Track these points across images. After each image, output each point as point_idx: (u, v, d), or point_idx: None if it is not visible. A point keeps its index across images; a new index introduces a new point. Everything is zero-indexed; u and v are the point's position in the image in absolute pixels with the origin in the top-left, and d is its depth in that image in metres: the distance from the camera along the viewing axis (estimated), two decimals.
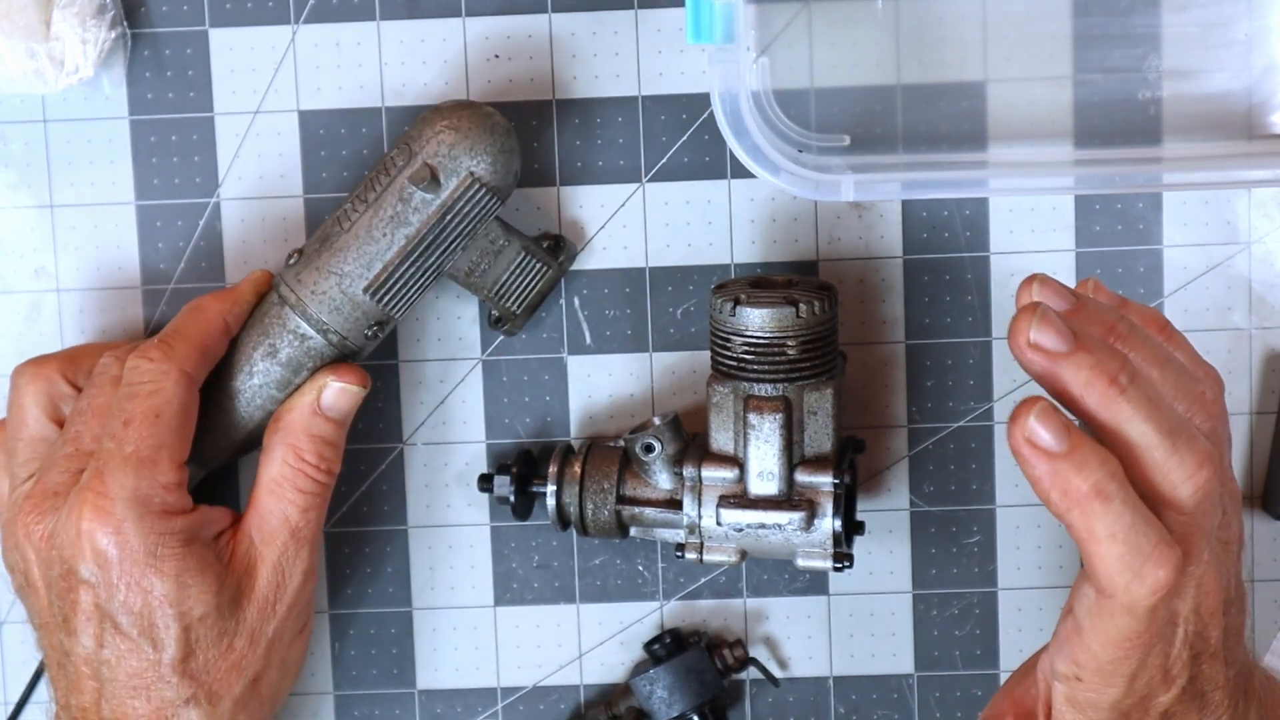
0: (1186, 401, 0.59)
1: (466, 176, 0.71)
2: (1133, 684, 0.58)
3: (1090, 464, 0.55)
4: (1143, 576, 0.55)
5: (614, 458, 0.75)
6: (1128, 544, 0.55)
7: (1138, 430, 0.56)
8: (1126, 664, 0.58)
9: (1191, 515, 0.57)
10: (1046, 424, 0.55)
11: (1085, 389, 0.56)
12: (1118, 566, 0.55)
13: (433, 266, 0.72)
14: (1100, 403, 0.56)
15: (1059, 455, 0.55)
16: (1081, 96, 0.75)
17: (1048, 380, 0.57)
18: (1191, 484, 0.57)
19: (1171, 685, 0.59)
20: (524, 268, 0.75)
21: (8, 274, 0.79)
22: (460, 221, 0.71)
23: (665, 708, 0.77)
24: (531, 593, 0.80)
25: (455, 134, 0.71)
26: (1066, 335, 0.56)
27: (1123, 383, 0.56)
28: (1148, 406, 0.56)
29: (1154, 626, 0.57)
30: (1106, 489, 0.55)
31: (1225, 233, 0.77)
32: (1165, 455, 0.56)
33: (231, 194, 0.78)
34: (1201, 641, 0.60)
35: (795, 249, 0.77)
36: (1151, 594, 0.56)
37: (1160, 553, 0.55)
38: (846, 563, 0.72)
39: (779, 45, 0.75)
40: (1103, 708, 0.59)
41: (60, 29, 0.74)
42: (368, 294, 0.71)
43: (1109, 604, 0.57)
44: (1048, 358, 0.56)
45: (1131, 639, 0.57)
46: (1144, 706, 0.59)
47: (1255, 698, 0.63)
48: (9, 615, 0.80)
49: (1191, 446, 0.57)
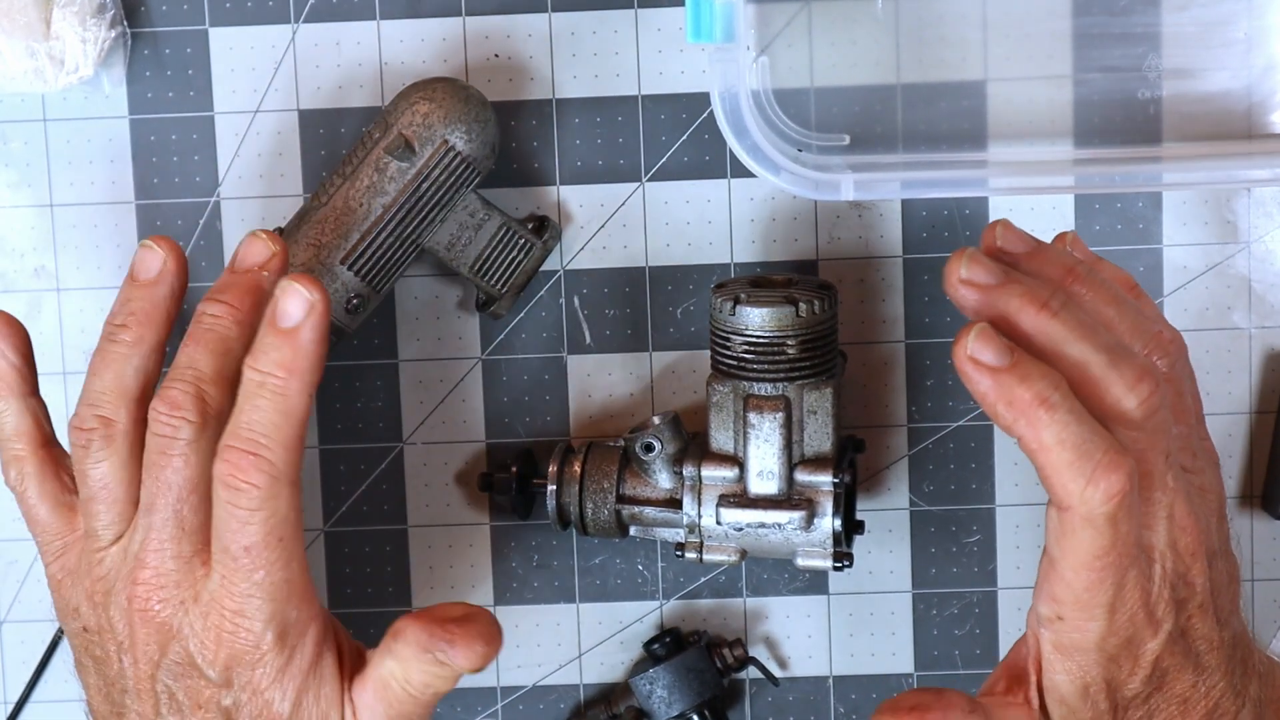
0: (1143, 340, 0.61)
1: (441, 145, 0.71)
2: (1113, 617, 0.58)
3: (1032, 375, 0.57)
4: (1095, 481, 0.56)
5: (614, 457, 0.75)
6: (1076, 450, 0.56)
7: (1074, 349, 0.58)
8: (1102, 589, 0.58)
9: (1141, 429, 0.58)
10: (987, 342, 0.57)
11: (1019, 314, 0.59)
12: (1069, 474, 0.56)
13: (410, 237, 0.72)
14: (1034, 325, 0.58)
15: (1001, 369, 0.57)
16: (1081, 96, 0.75)
17: (983, 315, 0.59)
18: (1135, 395, 0.58)
19: (1158, 629, 0.59)
20: (506, 244, 0.74)
21: (8, 274, 0.79)
22: (437, 190, 0.72)
23: (665, 707, 0.77)
24: (531, 592, 0.80)
25: (430, 104, 0.71)
26: (995, 270, 0.59)
27: (1054, 306, 0.58)
28: (1081, 327, 0.58)
29: (1121, 544, 0.57)
30: (1050, 397, 0.57)
31: (1225, 232, 0.77)
32: (1104, 369, 0.58)
33: (231, 194, 0.78)
34: (1185, 586, 0.60)
35: (795, 248, 0.77)
36: (1106, 499, 0.56)
37: (1111, 458, 0.56)
38: (846, 562, 0.72)
39: (779, 45, 0.75)
40: (1089, 649, 0.59)
41: (60, 28, 0.74)
42: (345, 265, 0.72)
43: (1070, 518, 0.57)
44: (979, 291, 0.59)
45: (1099, 556, 0.57)
46: (1133, 652, 0.59)
47: (1255, 673, 0.63)
48: (9, 615, 0.80)
49: (1130, 362, 0.58)
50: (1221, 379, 0.77)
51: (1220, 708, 0.61)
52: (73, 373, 0.79)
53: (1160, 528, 0.59)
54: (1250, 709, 0.62)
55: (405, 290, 0.78)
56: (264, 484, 0.61)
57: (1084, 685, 0.60)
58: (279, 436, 0.61)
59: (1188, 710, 0.61)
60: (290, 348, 0.61)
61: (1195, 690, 0.61)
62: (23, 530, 0.80)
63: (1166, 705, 0.61)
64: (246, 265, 0.65)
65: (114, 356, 0.65)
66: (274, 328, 0.62)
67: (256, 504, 0.61)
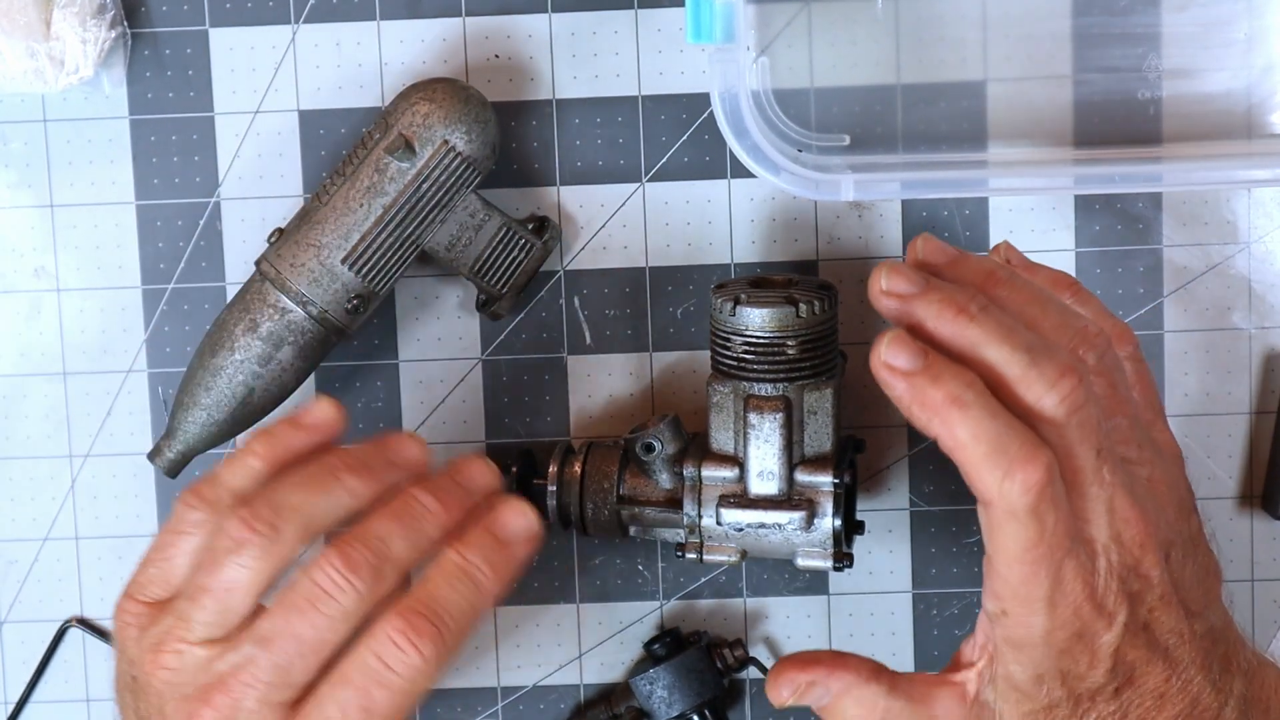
0: (1067, 335, 0.61)
1: (442, 145, 0.71)
2: (1054, 610, 0.58)
3: (944, 376, 0.58)
4: (1012, 474, 0.57)
5: (614, 457, 0.75)
6: (991, 445, 0.57)
7: (993, 352, 0.59)
8: (1037, 583, 0.58)
9: (1064, 427, 0.58)
10: (901, 347, 0.59)
11: (938, 321, 0.59)
12: (986, 467, 0.57)
13: (411, 238, 0.72)
14: (952, 330, 0.59)
15: (914, 372, 0.58)
16: (1081, 96, 0.75)
17: (905, 323, 0.60)
18: (1055, 393, 0.58)
19: (1111, 621, 0.59)
20: (506, 244, 0.74)
21: (8, 274, 0.79)
22: (437, 191, 0.72)
23: (665, 707, 0.77)
24: (531, 592, 0.80)
25: (430, 104, 0.71)
26: (916, 280, 0.60)
27: (972, 310, 0.59)
28: (999, 329, 0.59)
29: (1048, 536, 0.57)
30: (963, 396, 0.58)
31: (1225, 232, 0.77)
32: (1023, 369, 0.58)
33: (231, 194, 0.78)
34: (1137, 579, 0.60)
35: (795, 249, 0.77)
36: (1024, 491, 0.57)
37: (1027, 451, 0.57)
38: (846, 562, 0.72)
39: (779, 45, 0.75)
40: (1036, 644, 0.59)
41: (60, 28, 0.74)
42: (346, 265, 0.72)
43: (994, 513, 0.58)
44: (900, 300, 0.60)
45: (1029, 549, 0.58)
46: (1087, 646, 0.59)
47: (1239, 670, 0.62)
48: (9, 615, 0.80)
49: (1051, 359, 0.58)
50: (1221, 379, 0.77)
51: (1200, 703, 0.61)
52: (72, 373, 0.79)
53: (1100, 521, 0.59)
54: (1235, 706, 0.62)
55: (405, 290, 0.78)
56: (429, 655, 0.59)
57: (1038, 675, 0.60)
58: (460, 623, 0.59)
59: (1164, 705, 0.60)
60: (504, 556, 0.61)
61: (1170, 685, 0.61)
62: (22, 530, 0.80)
63: (1140, 700, 0.60)
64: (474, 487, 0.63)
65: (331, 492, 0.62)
66: (493, 532, 0.61)
67: (407, 671, 0.59)
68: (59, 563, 0.80)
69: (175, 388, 0.75)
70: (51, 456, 0.80)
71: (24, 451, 0.80)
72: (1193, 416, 0.77)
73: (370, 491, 0.62)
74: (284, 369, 0.73)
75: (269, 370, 0.73)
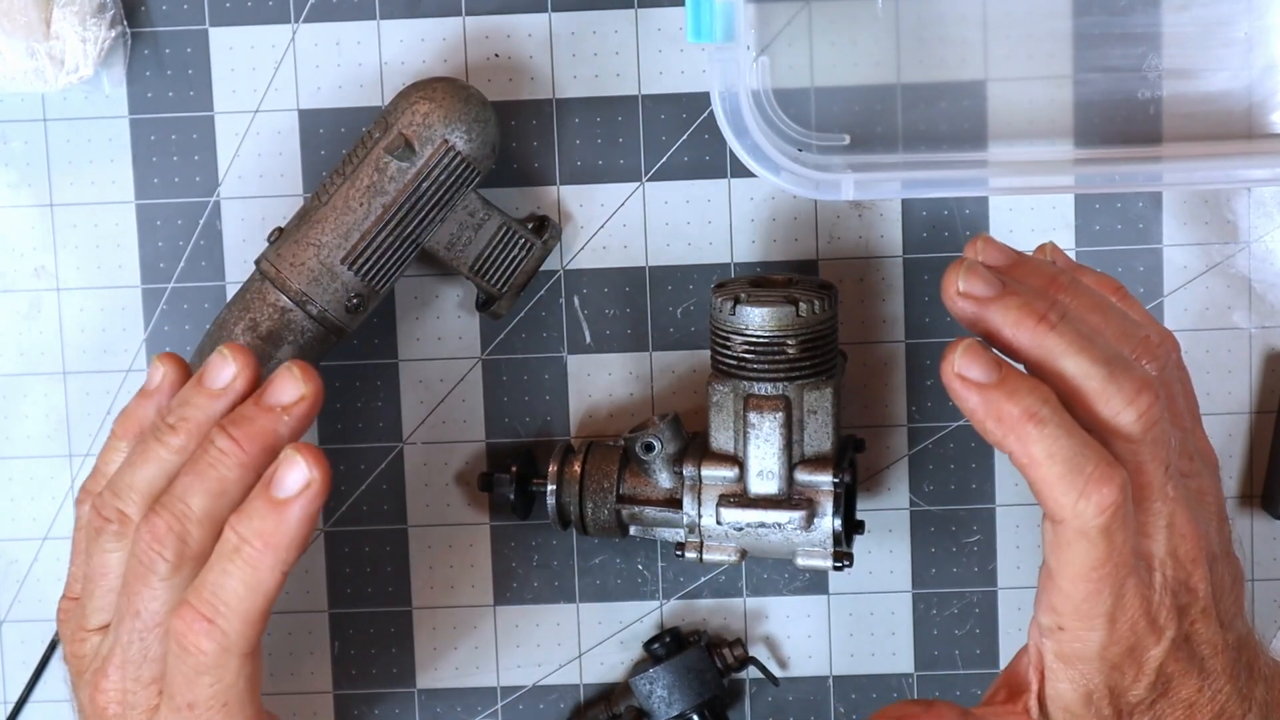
0: (1131, 344, 0.60)
1: (441, 145, 0.71)
2: (1114, 626, 0.58)
3: (1020, 390, 0.57)
4: (1087, 495, 0.56)
5: (614, 457, 0.75)
6: (1067, 464, 0.56)
7: (1072, 364, 0.58)
8: (1100, 600, 0.58)
9: (1139, 444, 0.58)
10: (975, 358, 0.57)
11: (1016, 329, 0.58)
12: (1061, 487, 0.56)
13: (410, 237, 0.72)
14: (1031, 340, 0.58)
15: (989, 385, 0.57)
16: (1081, 96, 0.75)
17: (980, 327, 0.59)
18: (1133, 410, 0.57)
19: (1161, 636, 0.59)
20: (506, 244, 0.74)
21: (8, 273, 0.79)
22: (436, 190, 0.72)
23: (665, 707, 0.77)
24: (531, 592, 0.80)
25: (430, 104, 0.71)
26: (993, 282, 0.59)
27: (1052, 319, 0.58)
28: (1079, 340, 0.58)
29: (1116, 555, 0.57)
30: (1039, 412, 0.57)
31: (1225, 232, 0.77)
32: (1102, 384, 0.57)
33: (231, 194, 0.78)
34: (1187, 593, 0.60)
35: (795, 248, 0.77)
36: (1099, 512, 0.56)
37: (1103, 471, 0.56)
38: (846, 562, 0.72)
39: (779, 44, 0.75)
40: (1091, 658, 0.59)
41: (60, 28, 0.74)
42: (346, 264, 0.72)
43: (1064, 531, 0.57)
44: (976, 304, 0.59)
45: (1096, 568, 0.57)
46: (1136, 660, 0.59)
47: (1261, 677, 0.63)
48: (9, 615, 0.80)
49: (1129, 374, 0.58)
50: (1221, 379, 0.77)
51: (1226, 711, 0.61)
52: (72, 372, 0.79)
53: (1160, 536, 0.59)
54: (1257, 712, 0.62)
55: (405, 290, 0.78)
56: (212, 652, 0.59)
57: (1087, 693, 0.60)
58: (239, 608, 0.59)
59: (1194, 715, 0.61)
60: (275, 520, 0.59)
61: (1201, 695, 0.61)
62: (22, 530, 0.80)
63: (1172, 711, 0.60)
64: (271, 402, 0.62)
65: (154, 457, 0.63)
66: (266, 494, 0.59)
67: (202, 669, 0.60)
68: (59, 563, 0.80)
69: None
70: (51, 456, 0.80)
71: (24, 451, 0.80)
72: None
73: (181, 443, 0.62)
74: None
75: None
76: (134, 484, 0.63)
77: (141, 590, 0.61)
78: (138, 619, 0.61)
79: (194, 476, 0.61)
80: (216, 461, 0.61)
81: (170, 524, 0.60)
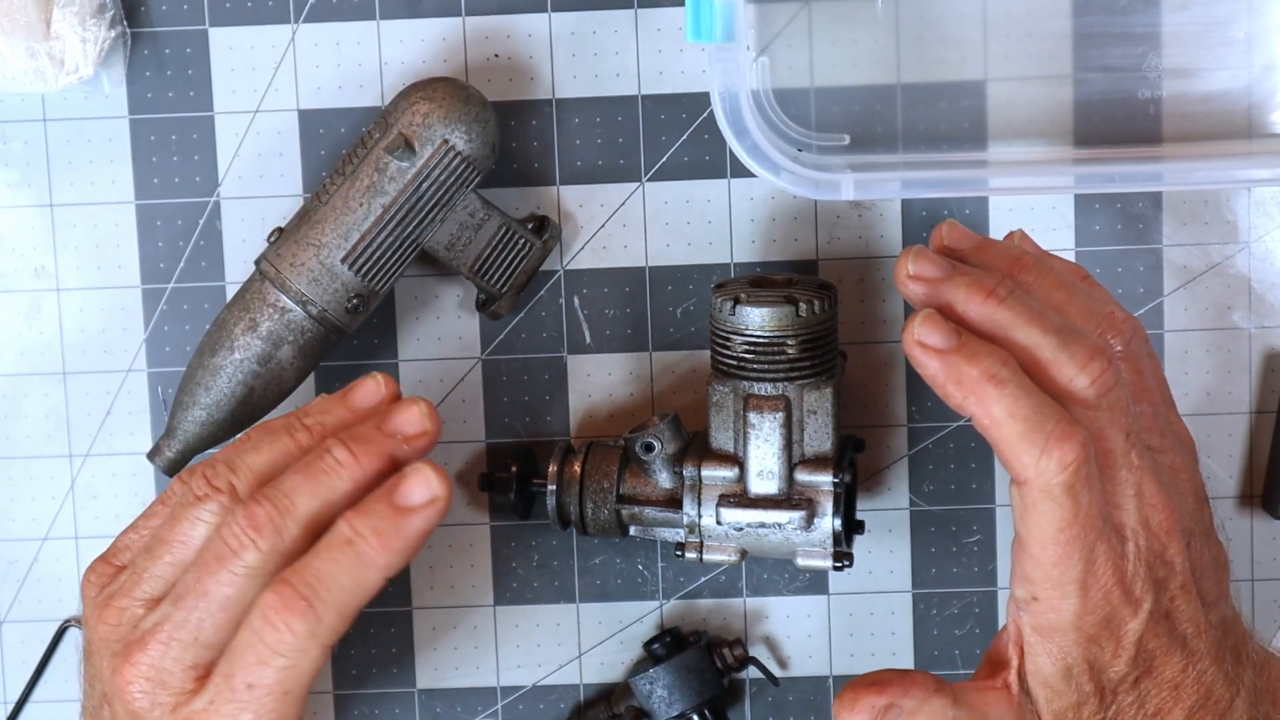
0: (1095, 321, 0.61)
1: (442, 145, 0.71)
2: (1087, 593, 0.59)
3: (979, 354, 0.58)
4: (1049, 451, 0.57)
5: (614, 457, 0.75)
6: (1028, 422, 0.57)
7: (1023, 334, 0.59)
8: (1070, 564, 0.58)
9: (1096, 409, 0.59)
10: (934, 326, 0.59)
11: (966, 304, 0.60)
12: (1022, 446, 0.57)
13: (410, 237, 0.72)
14: (981, 312, 0.60)
15: (948, 350, 0.59)
16: (1081, 96, 0.75)
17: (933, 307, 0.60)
18: (1086, 375, 0.59)
19: (1138, 609, 0.59)
20: (506, 244, 0.74)
21: (8, 274, 0.79)
22: (436, 190, 0.72)
23: (665, 707, 0.77)
24: (531, 592, 0.80)
25: (430, 104, 0.71)
26: (942, 264, 0.61)
27: (1001, 293, 0.60)
28: (1029, 312, 0.59)
29: (1083, 515, 0.58)
30: (999, 373, 0.58)
31: (1225, 232, 0.77)
32: (1054, 352, 0.59)
33: (231, 194, 0.78)
34: (1163, 565, 0.60)
35: (795, 248, 0.77)
36: (1061, 469, 0.57)
37: (1063, 429, 0.57)
38: (846, 562, 0.72)
39: (779, 44, 0.75)
40: (1066, 629, 0.59)
41: (60, 28, 0.74)
42: (346, 264, 0.72)
43: (1028, 493, 0.58)
44: (927, 285, 0.61)
45: (1063, 529, 0.58)
46: (1113, 633, 0.59)
47: (1249, 662, 0.63)
48: (9, 615, 0.80)
49: (1080, 341, 0.59)
50: (1221, 379, 0.77)
51: (1213, 694, 0.61)
52: (72, 372, 0.79)
53: (1129, 505, 0.60)
54: (1245, 697, 0.62)
55: (405, 290, 0.78)
56: (300, 634, 0.58)
57: (1066, 667, 0.60)
58: (339, 599, 0.59)
59: (1179, 696, 0.61)
60: (394, 524, 0.59)
61: (1185, 675, 0.61)
62: (22, 530, 0.80)
63: (1158, 690, 0.61)
64: (393, 429, 0.62)
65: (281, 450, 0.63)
66: (389, 499, 0.59)
67: (282, 650, 0.59)
68: (59, 563, 0.80)
69: (175, 387, 0.75)
70: (51, 456, 0.80)
71: (24, 451, 0.80)
72: (1193, 416, 0.77)
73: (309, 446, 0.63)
74: (284, 368, 0.73)
75: (269, 370, 0.73)
76: (254, 466, 0.62)
77: (220, 572, 0.60)
78: (204, 599, 0.60)
79: (304, 477, 0.61)
80: (331, 470, 0.61)
81: (271, 515, 0.60)
